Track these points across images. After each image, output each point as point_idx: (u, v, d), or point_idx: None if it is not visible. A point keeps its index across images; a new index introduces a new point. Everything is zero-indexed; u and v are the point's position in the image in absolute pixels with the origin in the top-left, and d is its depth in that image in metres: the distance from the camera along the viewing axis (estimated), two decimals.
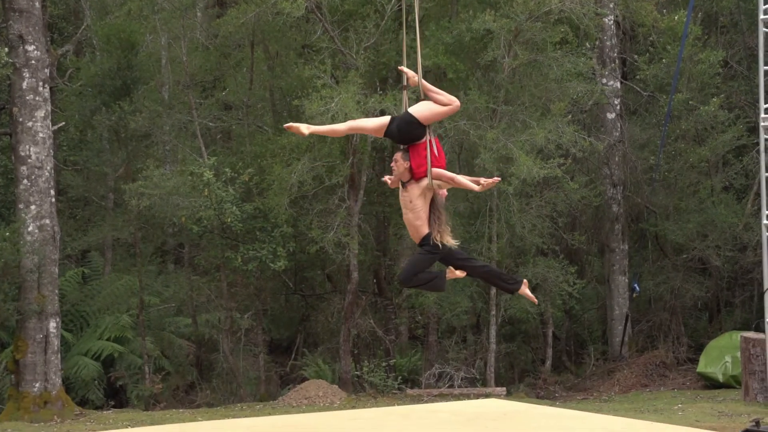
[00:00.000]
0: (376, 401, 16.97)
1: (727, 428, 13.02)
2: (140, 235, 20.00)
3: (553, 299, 19.54)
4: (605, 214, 20.81)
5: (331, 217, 17.92)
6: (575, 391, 19.21)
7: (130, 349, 19.18)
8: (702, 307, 21.78)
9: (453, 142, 18.30)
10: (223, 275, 19.16)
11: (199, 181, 17.64)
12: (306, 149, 17.92)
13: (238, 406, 17.30)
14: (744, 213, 19.99)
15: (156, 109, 19.40)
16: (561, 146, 18.06)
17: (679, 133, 20.11)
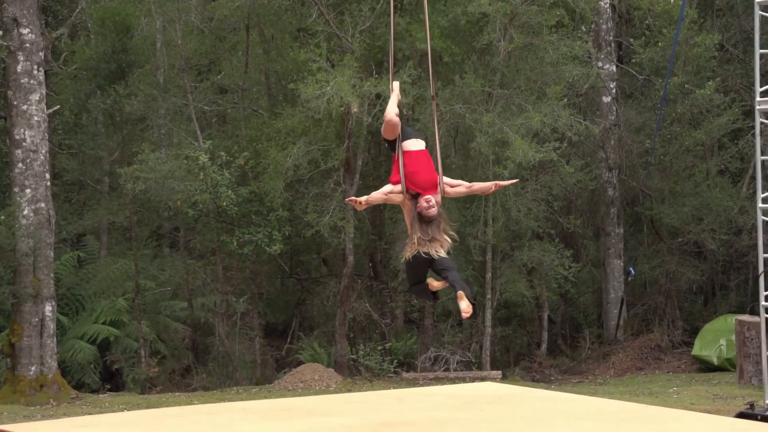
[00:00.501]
0: (372, 385, 16.99)
1: (722, 411, 13.04)
2: (136, 218, 19.98)
3: (548, 283, 19.56)
4: (601, 197, 20.81)
5: (326, 200, 17.90)
6: (570, 375, 19.24)
7: (125, 333, 19.19)
8: (697, 291, 21.81)
9: (449, 125, 18.28)
10: (219, 259, 19.16)
11: (194, 165, 17.62)
12: (301, 133, 17.90)
13: (233, 389, 17.32)
14: (739, 196, 20.00)
15: (151, 93, 19.36)
16: (557, 130, 18.04)
17: (674, 117, 20.10)
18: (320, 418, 11.21)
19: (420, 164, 9.98)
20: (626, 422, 10.88)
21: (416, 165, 9.99)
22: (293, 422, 10.98)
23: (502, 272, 19.09)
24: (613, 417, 11.29)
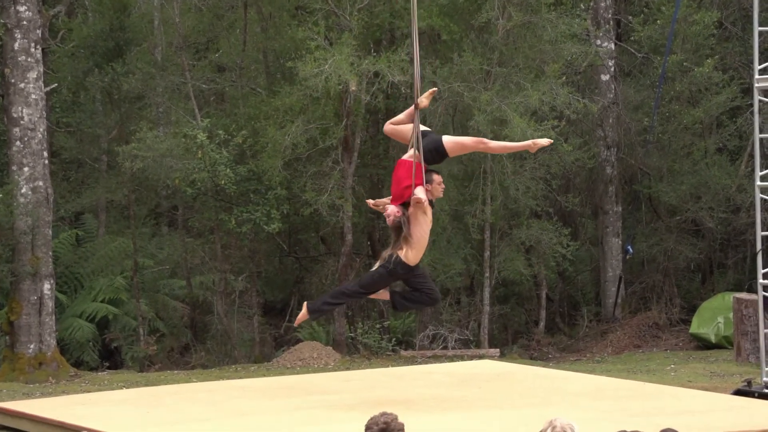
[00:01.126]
0: (370, 363, 17.02)
1: (719, 388, 13.08)
2: (134, 197, 19.96)
3: (546, 261, 19.56)
4: (599, 176, 20.80)
5: (325, 179, 17.89)
6: (568, 353, 19.28)
7: (124, 311, 19.21)
8: (695, 269, 21.82)
9: (447, 104, 18.25)
10: (217, 237, 19.16)
11: (192, 143, 17.59)
12: (300, 111, 17.87)
13: (232, 367, 17.35)
14: (737, 174, 19.99)
15: (149, 71, 19.31)
16: (555, 108, 18.01)
17: (673, 95, 20.06)
18: (319, 395, 11.25)
19: (395, 174, 9.82)
20: (624, 399, 10.92)
21: (393, 174, 9.86)
22: (292, 400, 11.02)
23: (501, 251, 19.10)
24: (610, 394, 11.33)
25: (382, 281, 9.75)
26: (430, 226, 9.64)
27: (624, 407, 10.36)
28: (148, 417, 10.19)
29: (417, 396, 10.91)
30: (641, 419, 9.31)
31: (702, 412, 10.05)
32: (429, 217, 9.57)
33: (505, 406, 10.49)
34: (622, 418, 9.41)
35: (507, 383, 12.15)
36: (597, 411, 10.05)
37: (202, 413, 10.33)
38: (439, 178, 9.63)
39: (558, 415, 5.92)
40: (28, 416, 10.67)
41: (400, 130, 9.88)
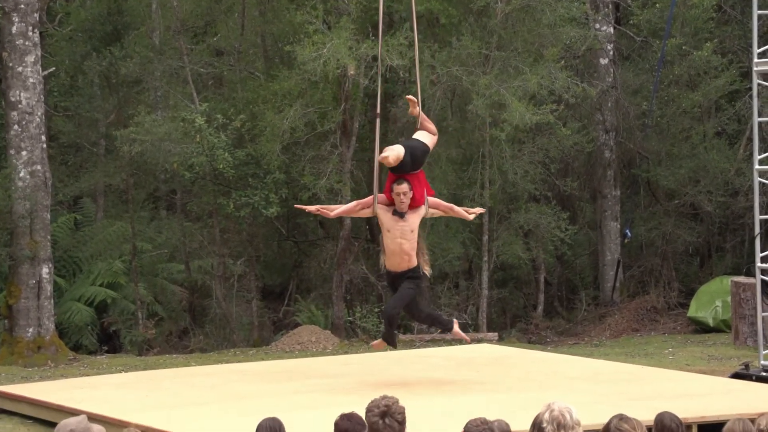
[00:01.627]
0: (369, 347, 17.03)
1: (717, 371, 13.10)
2: (132, 181, 19.94)
3: (545, 245, 19.56)
4: (597, 160, 20.78)
5: (323, 163, 17.87)
6: (566, 336, 19.30)
7: (123, 295, 19.21)
8: (693, 252, 21.83)
9: (446, 88, 18.22)
10: (216, 221, 19.14)
11: (190, 128, 17.56)
12: (298, 96, 17.84)
13: (231, 351, 17.37)
14: (736, 158, 19.97)
15: (147, 55, 19.26)
16: (554, 92, 17.98)
17: (672, 79, 20.02)
18: (317, 379, 11.26)
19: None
20: (622, 383, 10.93)
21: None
22: (291, 383, 11.03)
23: (499, 235, 19.10)
24: (608, 378, 11.34)
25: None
26: (384, 232, 10.12)
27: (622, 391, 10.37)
28: (147, 401, 10.21)
29: (416, 379, 10.93)
30: (639, 403, 9.33)
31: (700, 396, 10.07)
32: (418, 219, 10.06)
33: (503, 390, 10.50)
34: (619, 402, 9.43)
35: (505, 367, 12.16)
36: (595, 395, 10.06)
37: (201, 397, 10.35)
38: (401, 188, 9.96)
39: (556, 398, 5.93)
40: (27, 399, 10.68)
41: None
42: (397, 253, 10.09)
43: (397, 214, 10.07)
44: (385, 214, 10.07)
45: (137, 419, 9.04)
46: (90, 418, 5.97)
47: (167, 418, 9.17)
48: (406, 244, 10.05)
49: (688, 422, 8.56)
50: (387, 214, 10.08)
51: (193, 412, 9.49)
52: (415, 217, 10.13)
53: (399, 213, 10.05)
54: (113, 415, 9.30)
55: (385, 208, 10.09)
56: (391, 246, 10.09)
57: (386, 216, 10.09)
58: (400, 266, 10.07)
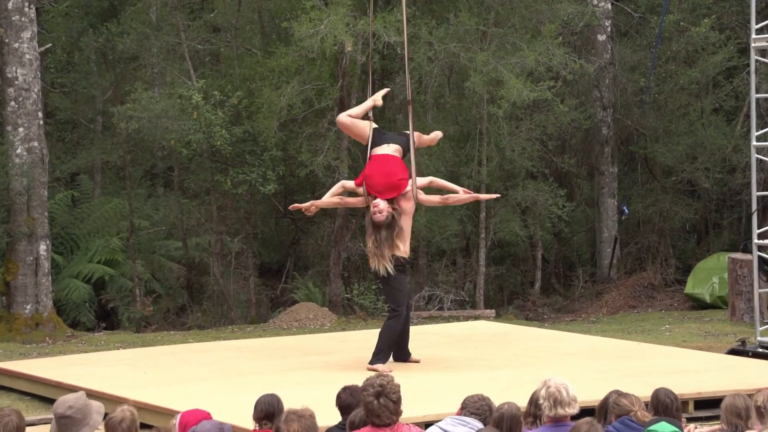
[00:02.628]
0: (366, 323, 17.06)
1: (714, 348, 13.14)
2: (129, 158, 19.91)
3: (542, 222, 19.56)
4: (595, 136, 20.77)
5: (320, 140, 17.84)
6: (564, 313, 19.34)
7: (120, 272, 19.20)
8: (690, 229, 21.85)
9: (443, 64, 18.17)
10: (213, 199, 19.13)
11: (187, 104, 17.52)
12: (295, 72, 17.79)
13: (228, 328, 17.40)
14: (733, 135, 19.96)
15: (144, 31, 19.19)
16: (551, 69, 17.94)
17: (669, 55, 19.98)
18: (315, 356, 11.29)
19: (380, 168, 10.03)
20: (619, 359, 10.96)
21: (375, 168, 10.06)
22: (288, 360, 11.05)
23: (496, 212, 19.10)
24: (606, 354, 11.37)
25: (405, 284, 10.35)
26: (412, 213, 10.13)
27: (619, 367, 10.40)
28: (145, 377, 10.22)
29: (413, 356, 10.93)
30: (636, 379, 9.35)
31: (696, 372, 10.09)
32: (413, 203, 10.01)
33: (500, 367, 10.52)
34: (616, 378, 9.45)
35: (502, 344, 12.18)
36: (592, 371, 10.09)
37: (199, 374, 10.37)
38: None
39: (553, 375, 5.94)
40: (25, 376, 10.70)
41: (356, 125, 10.33)
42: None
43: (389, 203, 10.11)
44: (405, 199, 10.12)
45: (135, 396, 9.06)
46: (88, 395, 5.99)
47: (165, 395, 9.19)
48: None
49: (685, 398, 8.58)
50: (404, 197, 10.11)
51: (190, 389, 9.50)
52: (403, 202, 10.17)
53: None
54: (111, 392, 9.33)
55: None
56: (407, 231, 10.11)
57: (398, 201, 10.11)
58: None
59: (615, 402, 6.09)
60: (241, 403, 7.82)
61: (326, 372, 10.14)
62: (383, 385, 5.52)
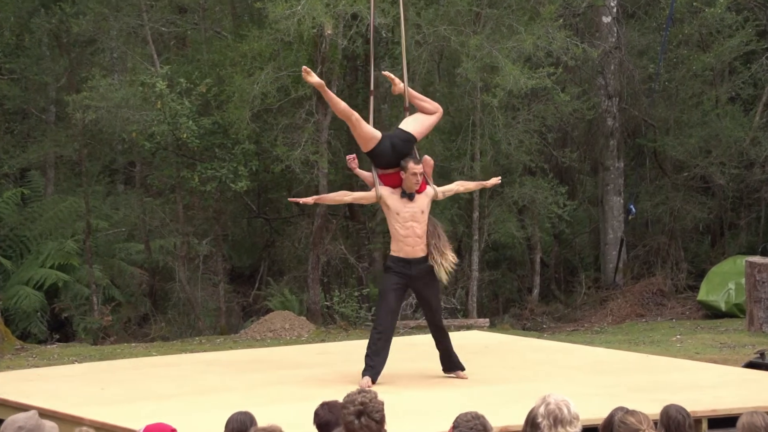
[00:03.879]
0: (348, 334, 17.08)
1: (730, 360, 13.18)
2: (86, 152, 19.88)
3: (541, 222, 19.60)
4: (599, 128, 20.82)
5: (297, 132, 17.85)
6: (565, 322, 19.38)
7: (76, 278, 19.18)
8: (704, 230, 21.92)
9: (432, 49, 18.20)
10: (179, 197, 19.12)
11: (151, 93, 17.51)
12: (270, 58, 17.79)
13: (196, 339, 17.40)
14: (751, 126, 20.03)
15: (101, 12, 19.15)
16: (551, 54, 17.98)
17: (681, 39, 20.04)
18: (291, 370, 11.29)
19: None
20: (626, 373, 10.99)
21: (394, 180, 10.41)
22: (261, 374, 11.05)
23: (491, 211, 19.13)
24: (611, 368, 11.40)
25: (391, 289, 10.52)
26: (392, 216, 10.15)
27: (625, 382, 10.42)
28: (103, 394, 10.20)
29: (399, 370, 10.94)
30: (644, 395, 9.38)
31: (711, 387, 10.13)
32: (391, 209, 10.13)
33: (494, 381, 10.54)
34: (622, 394, 9.48)
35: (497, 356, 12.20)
36: (595, 386, 10.11)
37: (163, 390, 10.35)
38: (414, 167, 10.10)
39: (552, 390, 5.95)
40: None
41: (363, 128, 10.59)
42: (410, 237, 10.21)
43: (407, 196, 10.23)
44: (391, 196, 10.23)
45: (92, 415, 9.04)
46: (41, 414, 5.97)
47: (126, 414, 9.17)
48: (418, 227, 10.24)
49: (698, 416, 8.61)
50: (394, 196, 10.23)
51: (154, 407, 9.49)
52: (423, 198, 10.31)
53: (409, 195, 10.21)
54: (66, 411, 9.30)
55: (391, 190, 10.25)
56: (401, 231, 10.21)
57: (393, 199, 10.23)
58: (416, 252, 10.20)
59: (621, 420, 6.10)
60: (211, 423, 7.81)
61: (304, 388, 10.14)
62: (365, 402, 5.51)
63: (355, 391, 5.68)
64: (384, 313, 10.38)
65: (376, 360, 10.20)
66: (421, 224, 10.26)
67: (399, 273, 10.29)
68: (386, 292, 10.37)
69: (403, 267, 10.28)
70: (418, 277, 10.31)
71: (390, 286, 10.34)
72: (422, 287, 10.43)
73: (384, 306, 10.38)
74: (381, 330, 10.30)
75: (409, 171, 10.17)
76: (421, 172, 10.21)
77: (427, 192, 10.38)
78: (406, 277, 10.31)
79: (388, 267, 10.43)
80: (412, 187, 10.21)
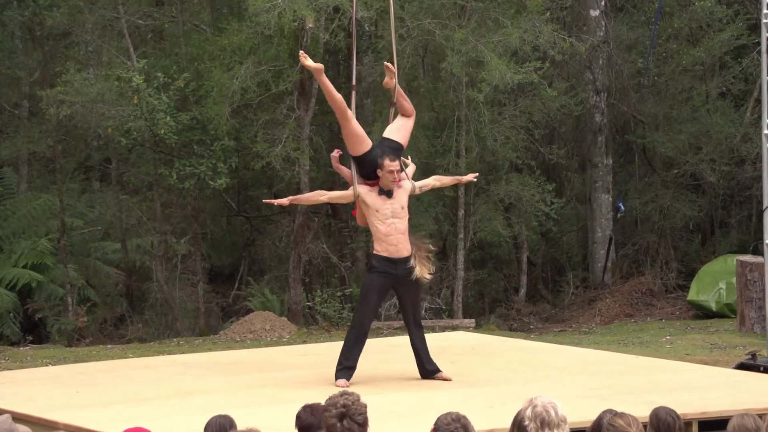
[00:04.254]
0: (330, 335, 17.08)
1: (721, 362, 13.22)
2: (60, 148, 19.83)
3: (528, 220, 19.62)
4: (587, 124, 20.85)
5: (278, 128, 17.85)
6: (552, 323, 19.42)
7: (50, 278, 19.14)
8: (694, 229, 21.97)
9: (416, 43, 18.20)
10: (157, 194, 19.10)
11: (127, 87, 17.49)
12: (250, 52, 17.78)
13: (174, 341, 17.39)
14: (742, 122, 20.09)
15: (76, 4, 19.12)
16: (538, 48, 18.00)
17: (671, 32, 20.09)
18: (271, 372, 11.28)
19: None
20: (614, 374, 11.01)
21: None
22: (241, 377, 11.04)
23: (477, 209, 19.15)
24: (599, 369, 11.42)
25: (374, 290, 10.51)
26: (372, 215, 10.20)
27: (614, 383, 10.44)
28: (78, 397, 10.18)
29: (382, 372, 10.94)
30: (633, 397, 9.40)
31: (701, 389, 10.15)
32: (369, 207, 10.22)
33: (480, 383, 10.55)
34: (611, 396, 9.49)
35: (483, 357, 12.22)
36: (583, 388, 10.13)
37: (140, 393, 10.33)
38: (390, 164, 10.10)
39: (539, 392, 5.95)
40: None
41: (359, 135, 10.60)
42: (392, 235, 10.19)
43: (384, 193, 10.21)
44: (369, 194, 10.21)
45: (67, 418, 9.01)
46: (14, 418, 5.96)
47: (101, 418, 9.15)
48: (400, 223, 10.21)
49: (688, 418, 8.63)
50: (372, 194, 10.21)
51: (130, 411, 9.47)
52: (402, 193, 10.28)
53: (387, 192, 10.19)
54: (40, 414, 9.27)
55: (369, 189, 10.23)
56: (382, 229, 10.18)
57: (371, 196, 10.21)
58: (400, 251, 10.17)
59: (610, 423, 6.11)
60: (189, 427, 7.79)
61: (285, 390, 10.13)
62: (347, 405, 5.51)
63: (337, 393, 5.68)
64: (363, 314, 10.36)
65: (350, 361, 10.20)
66: (402, 220, 10.25)
67: (383, 273, 10.26)
68: (368, 293, 10.34)
69: (387, 266, 10.24)
70: (402, 277, 10.28)
71: (373, 286, 10.32)
72: (406, 287, 10.40)
73: (364, 306, 10.36)
74: (358, 331, 10.29)
75: (385, 168, 10.16)
76: (397, 169, 10.19)
77: (405, 187, 10.35)
78: (391, 278, 10.28)
79: (372, 266, 10.38)
80: (389, 184, 10.20)
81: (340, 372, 10.18)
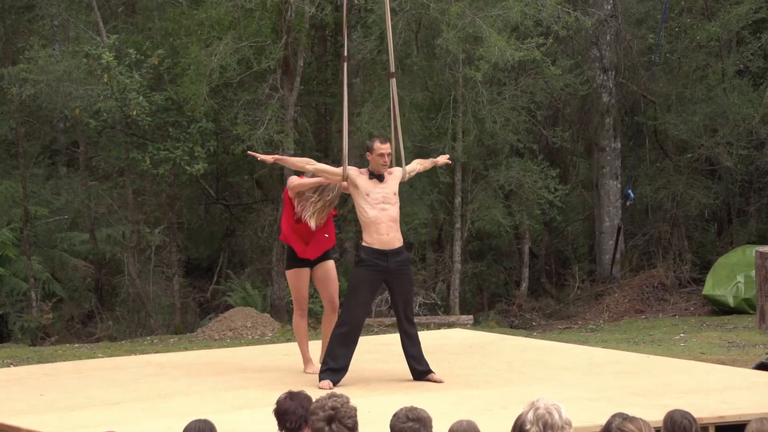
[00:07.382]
0: (317, 333, 17.05)
1: (738, 361, 13.23)
2: (24, 130, 19.82)
3: (530, 209, 19.63)
4: (594, 105, 20.87)
5: (260, 109, 17.84)
6: (556, 319, 19.44)
7: (12, 272, 19.15)
8: (709, 217, 22.01)
9: (409, 17, 18.19)
10: (128, 181, 19.08)
11: (96, 65, 17.47)
12: (229, 26, 17.77)
13: (147, 339, 17.40)
14: (762, 102, 20.11)
15: None
16: (540, 23, 17.99)
17: (684, 6, 20.10)
18: (253, 372, 11.27)
19: None
20: (624, 375, 11.01)
21: None
22: (220, 378, 11.02)
23: (475, 196, 19.15)
24: (607, 369, 11.43)
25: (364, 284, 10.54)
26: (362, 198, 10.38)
27: (623, 385, 10.44)
28: (43, 400, 10.15)
29: (373, 372, 10.93)
30: (644, 399, 9.40)
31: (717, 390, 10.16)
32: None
33: (479, 384, 10.54)
34: (621, 398, 9.49)
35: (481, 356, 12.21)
36: (590, 390, 10.13)
37: (110, 396, 10.31)
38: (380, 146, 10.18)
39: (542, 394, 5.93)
40: None
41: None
42: (382, 222, 10.13)
43: (375, 177, 10.18)
44: (360, 176, 10.18)
45: (30, 424, 8.99)
46: None
47: (67, 423, 9.13)
48: (392, 209, 10.17)
49: (704, 423, 8.62)
50: (362, 176, 10.18)
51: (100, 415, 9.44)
52: (393, 180, 10.27)
53: (378, 176, 10.16)
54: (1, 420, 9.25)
55: (359, 171, 10.21)
56: (372, 214, 10.12)
57: (362, 179, 10.17)
58: (392, 241, 10.13)
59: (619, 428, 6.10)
60: None
61: (268, 392, 10.10)
62: (336, 407, 5.49)
63: (325, 395, 5.66)
64: (351, 311, 10.31)
65: (336, 362, 10.16)
66: (394, 206, 10.22)
67: (373, 266, 10.20)
68: (357, 287, 10.30)
69: (378, 259, 10.19)
70: (394, 271, 10.24)
71: (362, 280, 10.27)
72: (398, 281, 10.35)
73: (353, 302, 10.31)
74: (346, 329, 10.24)
75: (375, 151, 10.13)
76: (388, 153, 10.16)
77: (396, 174, 10.34)
78: (382, 271, 10.23)
79: (362, 259, 10.33)
80: (379, 168, 10.17)
81: (324, 373, 10.16)
